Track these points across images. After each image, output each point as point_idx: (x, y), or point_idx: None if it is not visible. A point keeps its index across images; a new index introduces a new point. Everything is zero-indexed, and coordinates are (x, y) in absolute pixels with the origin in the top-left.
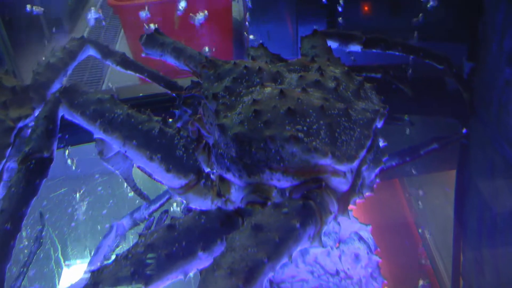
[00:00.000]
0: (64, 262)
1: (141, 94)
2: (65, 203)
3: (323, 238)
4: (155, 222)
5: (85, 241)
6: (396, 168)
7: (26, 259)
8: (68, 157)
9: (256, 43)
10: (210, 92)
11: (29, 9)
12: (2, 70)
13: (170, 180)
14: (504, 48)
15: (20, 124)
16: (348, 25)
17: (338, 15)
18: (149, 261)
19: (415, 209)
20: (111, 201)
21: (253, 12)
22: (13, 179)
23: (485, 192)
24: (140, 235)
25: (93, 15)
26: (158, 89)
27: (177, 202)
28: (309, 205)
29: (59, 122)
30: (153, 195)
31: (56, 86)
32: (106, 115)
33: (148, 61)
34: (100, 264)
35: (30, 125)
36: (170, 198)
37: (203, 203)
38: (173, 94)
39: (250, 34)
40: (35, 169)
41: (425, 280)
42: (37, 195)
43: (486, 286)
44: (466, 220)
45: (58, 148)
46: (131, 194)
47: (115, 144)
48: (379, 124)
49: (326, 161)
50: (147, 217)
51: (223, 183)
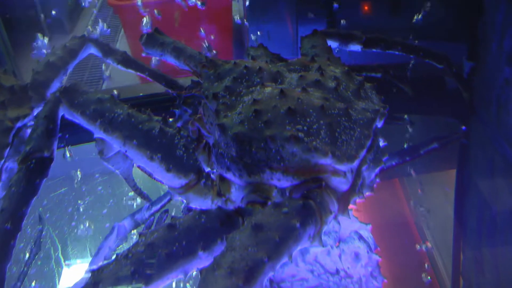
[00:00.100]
0: (64, 262)
1: (141, 94)
2: (65, 203)
3: (323, 237)
4: (155, 222)
5: (85, 241)
6: (396, 168)
7: (27, 259)
8: (68, 156)
9: (256, 43)
10: (210, 92)
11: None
12: (1, 70)
13: (170, 180)
14: (504, 48)
15: (19, 124)
16: (348, 25)
17: (338, 15)
18: (149, 261)
19: (415, 209)
20: (111, 201)
21: (253, 12)
22: (13, 179)
23: (485, 192)
24: (141, 235)
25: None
26: (158, 89)
27: (177, 207)
28: (309, 205)
29: (59, 122)
30: (153, 195)
31: (56, 85)
32: (107, 115)
33: (148, 61)
34: (101, 264)
35: (29, 125)
36: (171, 199)
37: (203, 203)
38: (174, 93)
39: (250, 34)
40: (36, 169)
41: (425, 279)
42: (37, 195)
43: (486, 285)
44: (466, 220)
45: (58, 148)
46: (131, 194)
47: (116, 144)
48: (379, 124)
49: (326, 161)
50: (148, 218)
51: (223, 183)
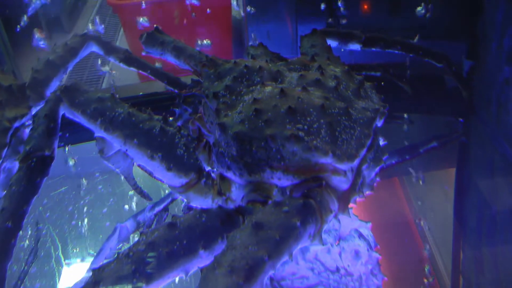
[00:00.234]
0: (65, 261)
1: (141, 93)
2: (66, 202)
3: (323, 235)
4: (156, 221)
5: (86, 240)
6: (396, 167)
7: (27, 258)
8: (68, 156)
9: (256, 42)
10: (211, 91)
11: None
12: None
13: (171, 179)
14: (504, 47)
15: (16, 124)
16: (348, 24)
17: (338, 14)
18: (150, 259)
19: (415, 207)
20: (112, 200)
21: (253, 12)
22: (14, 178)
23: (485, 191)
24: (141, 233)
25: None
26: (158, 88)
27: (178, 206)
28: (310, 204)
29: (60, 121)
30: (154, 194)
31: (55, 84)
32: (107, 114)
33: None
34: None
35: (27, 124)
36: (174, 201)
37: (204, 202)
38: (176, 91)
39: (250, 34)
40: (36, 168)
41: (425, 278)
42: (38, 194)
43: (486, 284)
44: (466, 219)
45: (59, 147)
46: (132, 193)
47: (116, 143)
48: (379, 123)
49: (327, 160)
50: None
51: (224, 182)
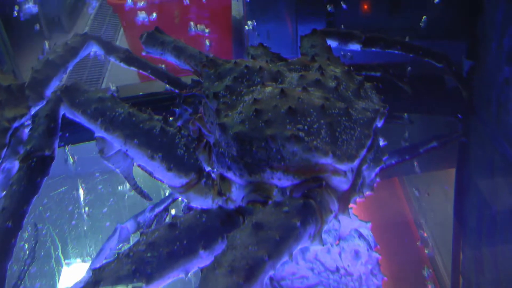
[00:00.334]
0: (64, 261)
1: (141, 93)
2: (66, 201)
3: (323, 235)
4: (156, 221)
5: (86, 240)
6: (396, 167)
7: (26, 258)
8: (69, 156)
9: (256, 42)
10: (211, 91)
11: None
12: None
13: (171, 179)
14: (504, 47)
15: (16, 124)
16: (348, 25)
17: (338, 14)
18: (151, 259)
19: (415, 208)
20: (112, 200)
21: (253, 12)
22: (14, 177)
23: (485, 191)
24: (142, 234)
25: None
26: (158, 88)
27: (178, 206)
28: (310, 204)
29: (60, 121)
30: (154, 194)
31: (55, 84)
32: (107, 114)
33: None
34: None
35: (26, 124)
36: (174, 201)
37: (204, 202)
38: (177, 91)
39: (250, 34)
40: (36, 167)
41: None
42: (38, 193)
43: (486, 284)
44: (466, 219)
45: (59, 147)
46: (132, 193)
47: (116, 143)
48: (379, 124)
49: (327, 160)
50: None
51: (224, 182)
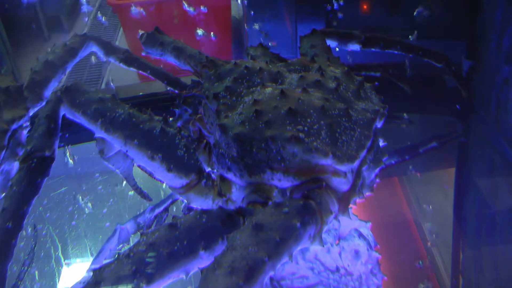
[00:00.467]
0: (64, 261)
1: (141, 93)
2: (66, 202)
3: (323, 235)
4: (156, 222)
5: (86, 240)
6: (396, 166)
7: (25, 259)
8: (69, 156)
9: (256, 42)
10: (211, 92)
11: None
12: None
13: (171, 180)
14: (503, 46)
15: (14, 126)
16: (348, 25)
17: (337, 14)
18: (151, 260)
19: (415, 207)
20: (111, 200)
21: (253, 12)
22: (15, 178)
23: (484, 190)
24: (142, 234)
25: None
26: (158, 88)
27: (178, 206)
28: (310, 205)
29: (60, 121)
30: (154, 194)
31: (53, 85)
32: (108, 115)
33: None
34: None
35: (25, 126)
36: (174, 202)
37: (204, 203)
38: (176, 91)
39: (249, 34)
40: (37, 168)
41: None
42: (38, 194)
43: (486, 284)
44: (466, 218)
45: (59, 147)
46: (132, 193)
47: (116, 144)
48: (379, 124)
49: (327, 161)
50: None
51: (224, 183)
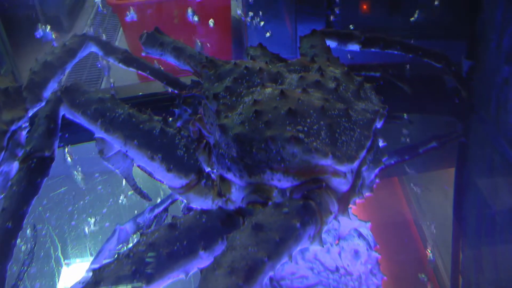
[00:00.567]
0: (64, 261)
1: (141, 93)
2: (65, 202)
3: (323, 235)
4: (155, 221)
5: (85, 240)
6: (395, 166)
7: (25, 259)
8: (68, 156)
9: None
10: (211, 92)
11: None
12: None
13: (171, 180)
14: (503, 46)
15: (13, 127)
16: (347, 25)
17: (337, 14)
18: (150, 260)
19: (414, 207)
20: (111, 200)
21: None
22: (14, 178)
23: (484, 190)
24: (142, 234)
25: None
26: (157, 88)
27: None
28: (310, 205)
29: (60, 121)
30: (153, 195)
31: (53, 86)
32: (107, 115)
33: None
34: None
35: (24, 127)
36: (174, 202)
37: (204, 203)
38: (176, 91)
39: (249, 34)
40: (36, 168)
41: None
42: (38, 194)
43: (485, 284)
44: (465, 218)
45: (58, 147)
46: (131, 193)
47: (116, 144)
48: (379, 125)
49: (327, 162)
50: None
51: (224, 183)
